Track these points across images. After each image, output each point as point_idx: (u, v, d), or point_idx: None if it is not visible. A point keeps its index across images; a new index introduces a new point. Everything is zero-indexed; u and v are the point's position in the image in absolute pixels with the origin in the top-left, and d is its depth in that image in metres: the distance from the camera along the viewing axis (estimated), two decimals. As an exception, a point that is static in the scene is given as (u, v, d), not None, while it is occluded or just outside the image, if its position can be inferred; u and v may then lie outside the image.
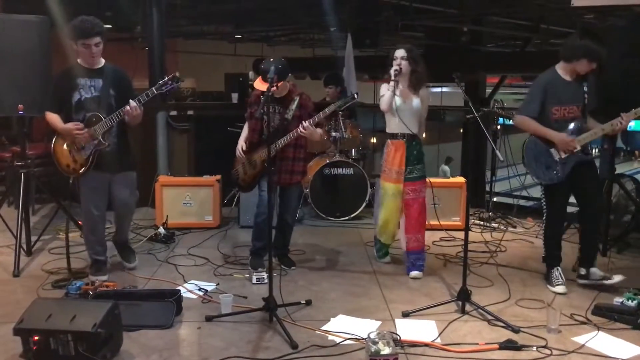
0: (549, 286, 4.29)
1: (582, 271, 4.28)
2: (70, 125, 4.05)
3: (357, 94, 4.49)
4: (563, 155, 4.14)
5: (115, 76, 4.20)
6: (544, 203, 4.35)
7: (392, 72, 4.39)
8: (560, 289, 4.19)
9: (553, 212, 4.32)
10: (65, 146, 4.16)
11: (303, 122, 4.30)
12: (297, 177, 4.54)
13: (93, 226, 4.31)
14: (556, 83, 4.15)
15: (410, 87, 4.48)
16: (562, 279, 4.25)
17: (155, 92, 4.05)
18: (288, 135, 4.35)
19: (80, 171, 4.14)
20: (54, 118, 4.13)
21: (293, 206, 4.65)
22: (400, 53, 4.43)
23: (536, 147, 4.21)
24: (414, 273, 4.51)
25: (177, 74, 4.09)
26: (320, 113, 4.34)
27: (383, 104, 4.42)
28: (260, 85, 4.26)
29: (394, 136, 4.52)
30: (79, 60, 4.14)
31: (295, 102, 4.43)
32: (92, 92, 4.10)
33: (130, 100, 4.00)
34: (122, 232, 4.60)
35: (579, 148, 4.11)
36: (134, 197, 4.49)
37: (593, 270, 4.24)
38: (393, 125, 4.51)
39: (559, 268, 4.31)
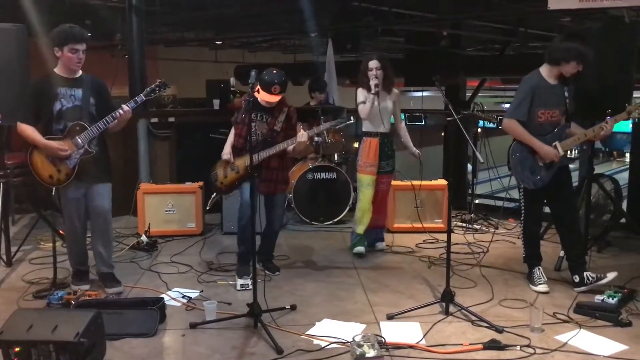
0: (531, 286, 4.33)
1: (576, 278, 4.24)
2: (54, 144, 3.96)
3: (352, 117, 4.91)
4: (543, 163, 4.18)
5: (95, 85, 4.17)
6: (522, 204, 4.40)
7: (372, 85, 4.76)
8: (542, 287, 4.24)
9: (531, 213, 4.37)
10: (44, 157, 4.04)
11: (300, 132, 4.37)
12: (282, 187, 4.59)
13: (76, 237, 4.23)
14: (542, 86, 4.18)
15: (383, 90, 4.92)
16: (543, 278, 4.30)
17: (144, 98, 4.08)
18: (276, 146, 4.40)
19: (67, 182, 4.04)
20: (29, 130, 4.01)
21: (279, 213, 4.66)
22: (374, 64, 4.84)
23: (522, 151, 4.23)
24: (380, 244, 5.33)
25: (164, 80, 4.13)
26: (315, 129, 4.71)
27: (364, 114, 4.88)
28: (266, 96, 4.31)
29: (369, 134, 4.99)
30: (56, 70, 4.09)
31: (284, 114, 4.49)
32: (72, 101, 4.05)
33: (123, 105, 4.01)
34: (102, 258, 4.28)
35: (561, 153, 4.14)
36: (110, 213, 4.31)
37: (586, 274, 4.22)
38: (368, 124, 4.98)
39: (539, 267, 4.37)
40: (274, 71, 4.36)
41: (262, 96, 4.33)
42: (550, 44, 4.33)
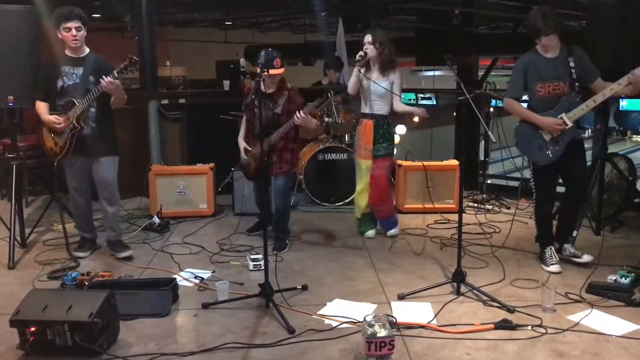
0: (543, 266, 4.31)
1: (556, 245, 4.39)
2: (51, 117, 4.25)
3: (331, 93, 4.65)
4: (553, 135, 4.12)
5: (96, 63, 4.31)
6: (533, 184, 4.37)
7: (358, 56, 4.62)
8: (554, 268, 4.23)
9: (542, 193, 4.35)
10: (48, 131, 4.34)
11: (297, 112, 4.45)
12: (286, 166, 4.70)
13: (76, 206, 4.58)
14: (536, 61, 4.16)
15: (379, 70, 4.71)
16: (555, 258, 4.29)
17: (117, 75, 4.11)
18: (283, 127, 4.53)
19: (61, 154, 4.32)
20: (41, 107, 4.32)
21: (282, 192, 4.70)
22: (367, 38, 4.68)
23: (526, 129, 4.23)
24: (391, 231, 5.07)
25: (134, 57, 4.13)
26: (305, 108, 4.51)
27: (349, 88, 4.79)
28: (272, 71, 4.47)
29: (364, 116, 4.86)
30: (65, 50, 4.30)
31: (285, 97, 4.61)
32: (74, 79, 4.27)
33: (102, 78, 4.09)
34: (108, 225, 4.55)
35: (570, 124, 4.06)
36: (115, 181, 4.52)
37: (566, 246, 4.37)
38: (363, 106, 4.87)
39: (551, 247, 4.36)
40: (268, 49, 4.57)
41: (272, 72, 4.45)
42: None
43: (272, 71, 4.46)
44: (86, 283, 3.81)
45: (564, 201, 4.46)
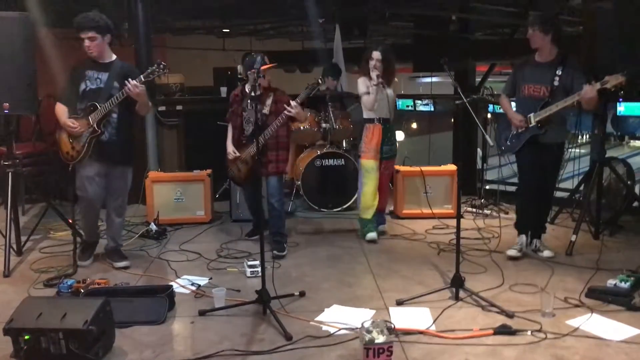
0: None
1: (525, 237, 4.70)
2: (66, 121, 4.24)
3: (321, 79, 4.86)
4: (518, 131, 4.50)
5: (123, 70, 4.33)
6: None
7: (374, 77, 4.86)
8: (510, 252, 4.61)
9: (520, 183, 4.74)
10: (66, 135, 4.31)
11: (289, 103, 4.62)
12: (282, 166, 4.81)
13: (87, 213, 4.45)
14: (528, 64, 4.50)
15: (384, 80, 4.96)
16: (519, 245, 4.65)
17: (143, 79, 4.15)
18: (274, 123, 4.61)
19: (78, 158, 4.26)
20: (60, 109, 4.31)
21: (277, 191, 4.78)
22: (376, 55, 4.90)
23: (504, 121, 4.68)
24: (382, 227, 5.34)
25: (162, 62, 4.20)
26: (297, 99, 4.65)
27: (369, 105, 4.98)
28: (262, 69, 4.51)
29: (371, 120, 5.05)
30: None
31: (271, 98, 4.72)
32: (97, 83, 4.27)
33: (127, 81, 4.11)
34: (113, 232, 4.56)
35: (532, 123, 4.39)
36: (127, 192, 4.55)
37: (534, 240, 4.69)
38: (371, 112, 5.05)
39: (523, 236, 4.68)
40: (251, 54, 4.82)
41: (264, 68, 4.50)
42: None
43: (264, 67, 4.50)
44: (82, 290, 3.78)
45: (538, 198, 4.69)
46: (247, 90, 4.73)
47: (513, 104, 4.64)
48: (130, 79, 4.11)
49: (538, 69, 4.42)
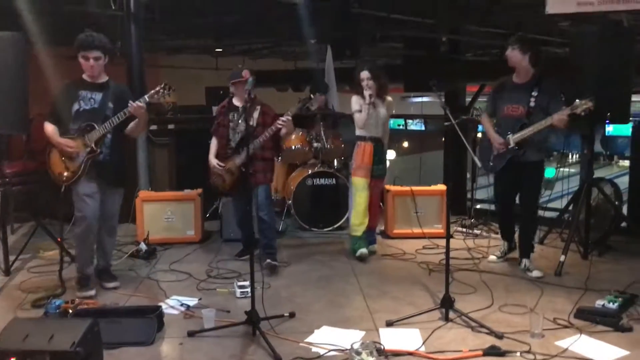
0: None
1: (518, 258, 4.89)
2: (62, 140, 4.17)
3: (312, 95, 5.00)
4: (496, 152, 4.68)
5: (117, 91, 4.31)
6: None
7: (367, 96, 4.92)
8: (491, 257, 5.06)
9: (496, 198, 5.02)
10: (58, 155, 4.23)
11: (277, 116, 4.75)
12: (270, 175, 4.97)
13: (85, 235, 4.27)
14: (506, 85, 4.72)
15: (377, 98, 5.03)
16: (499, 252, 5.04)
17: (148, 100, 4.16)
18: (264, 134, 4.70)
19: (73, 179, 4.18)
20: (50, 129, 4.22)
21: (266, 202, 4.85)
22: (365, 75, 4.97)
23: (485, 141, 4.83)
24: (372, 246, 5.35)
25: (167, 83, 4.20)
26: (289, 111, 4.72)
27: (360, 123, 5.04)
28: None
29: (363, 139, 5.11)
30: (83, 75, 4.28)
31: (258, 111, 4.83)
32: (91, 104, 4.22)
33: (130, 102, 4.11)
34: (104, 253, 4.52)
35: (511, 145, 4.56)
36: (118, 213, 4.52)
37: (523, 259, 4.79)
38: (363, 131, 5.11)
39: (505, 243, 5.05)
40: (239, 66, 5.07)
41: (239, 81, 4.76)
42: None
43: (237, 80, 4.73)
44: (70, 311, 3.75)
45: (520, 218, 4.90)
46: (234, 102, 4.88)
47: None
48: (131, 101, 4.09)
49: (515, 89, 4.63)
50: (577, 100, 4.30)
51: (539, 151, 4.63)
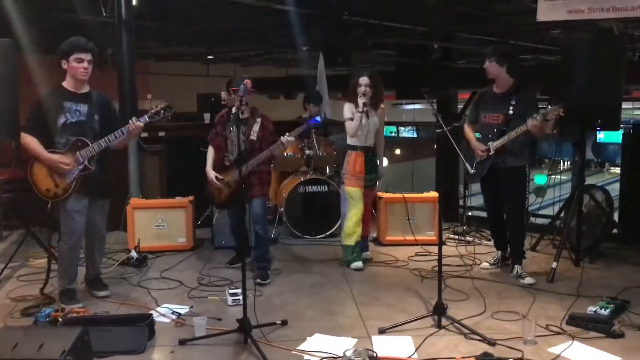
0: None
1: (510, 264, 4.95)
2: (56, 157, 4.00)
3: (311, 119, 5.03)
4: (479, 159, 4.77)
5: (100, 102, 4.22)
6: None
7: (360, 103, 4.86)
8: (483, 264, 5.08)
9: (487, 209, 5.13)
10: (45, 171, 4.05)
11: (283, 137, 4.64)
12: (267, 188, 4.88)
13: (72, 251, 4.21)
14: (487, 94, 4.85)
15: (371, 107, 4.93)
16: (492, 260, 5.07)
17: (148, 120, 4.10)
18: (262, 154, 4.64)
19: (63, 196, 4.06)
20: (32, 142, 4.03)
21: (262, 216, 4.79)
22: (364, 81, 4.90)
23: (468, 149, 4.89)
24: (365, 254, 5.31)
25: (170, 104, 4.14)
26: (291, 134, 4.69)
27: (351, 131, 4.98)
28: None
29: (354, 148, 5.05)
30: (64, 84, 4.13)
31: (258, 124, 4.75)
32: (77, 116, 4.09)
33: (133, 119, 4.06)
34: (94, 263, 4.46)
35: (492, 152, 4.68)
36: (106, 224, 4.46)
37: (516, 266, 4.81)
38: (354, 139, 5.04)
39: (499, 252, 5.07)
40: (235, 76, 4.78)
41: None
42: None
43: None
44: (60, 319, 3.71)
45: (506, 224, 4.96)
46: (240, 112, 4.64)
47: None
48: (134, 119, 4.04)
49: (495, 99, 4.75)
50: (548, 107, 4.47)
51: (518, 157, 4.70)
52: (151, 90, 9.95)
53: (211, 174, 4.80)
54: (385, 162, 6.67)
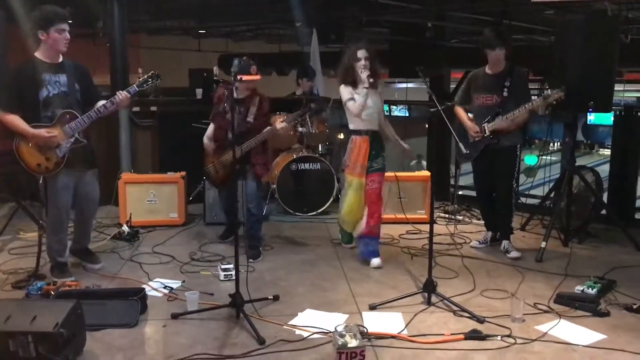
0: None
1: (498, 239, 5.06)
2: (42, 132, 3.90)
3: (312, 105, 4.99)
4: (473, 140, 4.80)
5: (78, 71, 4.15)
6: None
7: (365, 79, 4.41)
8: (473, 243, 5.14)
9: (476, 189, 5.24)
10: (34, 146, 3.96)
11: (277, 123, 4.67)
12: (264, 169, 4.83)
13: (60, 225, 4.19)
14: (479, 75, 4.86)
15: (371, 84, 4.49)
16: (481, 239, 5.13)
17: (137, 89, 4.09)
18: (259, 136, 4.63)
19: (56, 170, 4.00)
20: (14, 120, 3.89)
21: (256, 195, 4.78)
22: (363, 54, 4.46)
23: (462, 130, 4.86)
24: (375, 261, 4.59)
25: (157, 72, 4.12)
26: (286, 120, 4.73)
27: (356, 110, 4.47)
28: (248, 78, 4.48)
29: (358, 132, 4.60)
30: (37, 55, 3.99)
31: (256, 106, 4.72)
32: (58, 87, 3.99)
33: (120, 91, 4.04)
34: (85, 234, 4.47)
35: (487, 133, 4.72)
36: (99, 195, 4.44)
37: (503, 241, 4.95)
38: (357, 122, 4.57)
39: (489, 233, 5.14)
40: (243, 57, 4.59)
41: (246, 79, 4.42)
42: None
43: (247, 77, 4.43)
44: (52, 293, 3.72)
45: (495, 202, 5.02)
46: (235, 94, 4.48)
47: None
48: (121, 91, 4.01)
49: (489, 79, 4.77)
50: (549, 90, 4.50)
51: (513, 137, 4.74)
52: (142, 65, 9.85)
53: (208, 144, 4.85)
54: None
